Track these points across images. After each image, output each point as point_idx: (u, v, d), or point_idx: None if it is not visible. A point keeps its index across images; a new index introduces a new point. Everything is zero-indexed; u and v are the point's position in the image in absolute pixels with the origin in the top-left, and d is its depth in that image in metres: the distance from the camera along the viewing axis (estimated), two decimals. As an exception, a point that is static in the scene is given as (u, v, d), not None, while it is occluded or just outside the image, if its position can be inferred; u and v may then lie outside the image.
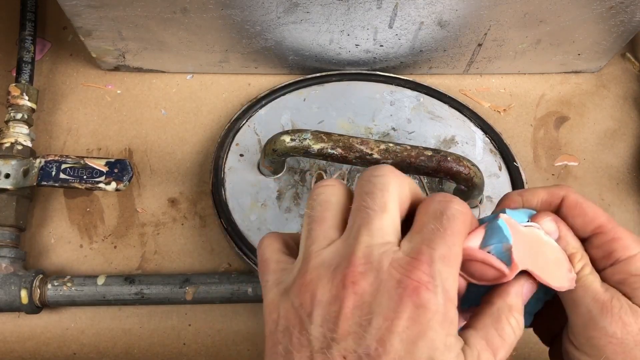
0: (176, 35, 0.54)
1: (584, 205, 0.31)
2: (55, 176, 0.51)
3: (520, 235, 0.28)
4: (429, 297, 0.24)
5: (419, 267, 0.25)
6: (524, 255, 0.28)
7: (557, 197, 0.32)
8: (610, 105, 0.61)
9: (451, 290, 0.25)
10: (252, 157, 0.53)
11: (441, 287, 0.25)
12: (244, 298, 0.51)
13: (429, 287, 0.24)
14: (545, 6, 0.50)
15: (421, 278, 0.24)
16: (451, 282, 0.25)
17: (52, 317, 0.53)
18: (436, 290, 0.24)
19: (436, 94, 0.57)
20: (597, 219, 0.31)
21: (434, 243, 0.25)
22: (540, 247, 0.29)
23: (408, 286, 0.24)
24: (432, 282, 0.24)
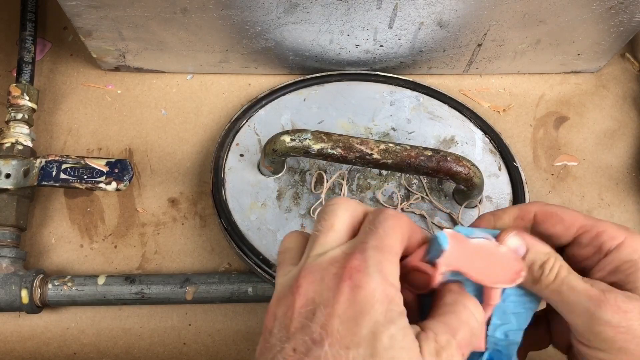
0: (176, 36, 0.54)
1: (559, 212, 0.32)
2: (55, 176, 0.51)
3: (463, 245, 0.30)
4: (362, 277, 0.26)
5: (353, 257, 0.27)
6: (458, 260, 0.29)
7: (529, 212, 0.33)
8: (610, 105, 0.61)
9: (390, 274, 0.27)
10: (252, 157, 0.53)
11: (375, 269, 0.26)
12: (244, 298, 0.51)
13: (360, 269, 0.26)
14: (545, 6, 0.50)
15: (353, 264, 0.26)
16: (387, 266, 0.27)
17: (53, 317, 0.53)
18: (368, 271, 0.26)
19: (436, 94, 0.57)
20: (576, 221, 0.32)
21: (367, 238, 0.28)
22: (485, 253, 0.30)
23: (343, 274, 0.26)
24: (365, 265, 0.26)
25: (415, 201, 0.52)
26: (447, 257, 0.29)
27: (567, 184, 0.58)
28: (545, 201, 0.56)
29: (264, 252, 0.49)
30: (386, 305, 0.26)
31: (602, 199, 0.57)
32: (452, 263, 0.29)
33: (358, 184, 0.53)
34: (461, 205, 0.51)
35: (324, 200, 0.51)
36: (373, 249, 0.27)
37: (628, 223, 0.56)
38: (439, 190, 0.53)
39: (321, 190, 0.51)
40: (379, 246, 0.27)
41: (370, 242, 0.27)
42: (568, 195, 0.57)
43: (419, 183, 0.53)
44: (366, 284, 0.26)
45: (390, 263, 0.27)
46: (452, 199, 0.52)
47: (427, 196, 0.52)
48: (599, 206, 0.57)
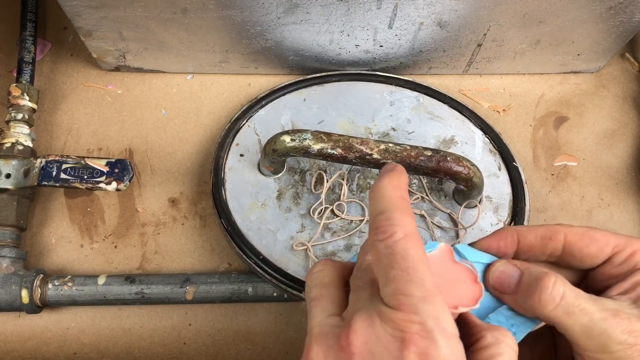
0: (176, 36, 0.54)
1: (590, 232, 0.31)
2: (55, 176, 0.51)
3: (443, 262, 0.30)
4: (429, 345, 0.25)
5: (408, 318, 0.25)
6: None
7: (558, 233, 0.32)
8: (610, 105, 0.61)
9: (449, 326, 0.25)
10: (252, 157, 0.54)
11: (437, 329, 0.25)
12: (244, 298, 0.51)
13: (423, 334, 0.25)
14: (545, 6, 0.50)
15: (414, 329, 0.25)
16: (444, 317, 0.25)
17: (53, 317, 0.53)
18: (433, 335, 0.25)
19: (436, 94, 0.57)
20: (609, 240, 0.31)
21: (407, 287, 0.26)
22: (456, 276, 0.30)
23: (405, 338, 0.25)
24: (425, 329, 0.25)
25: (415, 201, 0.52)
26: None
27: (567, 184, 0.58)
28: (545, 201, 0.56)
29: (264, 252, 0.49)
30: None
31: (602, 199, 0.57)
32: None
33: (358, 184, 0.53)
34: (461, 205, 0.51)
35: (324, 201, 0.51)
36: (423, 302, 0.25)
37: (628, 223, 0.56)
38: (439, 190, 0.53)
39: (321, 190, 0.51)
40: (426, 297, 0.25)
41: (414, 292, 0.25)
42: (568, 195, 0.57)
43: (419, 183, 0.53)
44: (434, 351, 0.24)
45: (445, 311, 0.26)
46: (452, 199, 0.52)
47: (427, 196, 0.52)
48: (599, 206, 0.57)
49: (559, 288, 0.28)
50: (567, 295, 0.28)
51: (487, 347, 0.27)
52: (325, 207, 0.51)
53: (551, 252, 0.32)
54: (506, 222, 0.51)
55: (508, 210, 0.52)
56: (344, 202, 0.51)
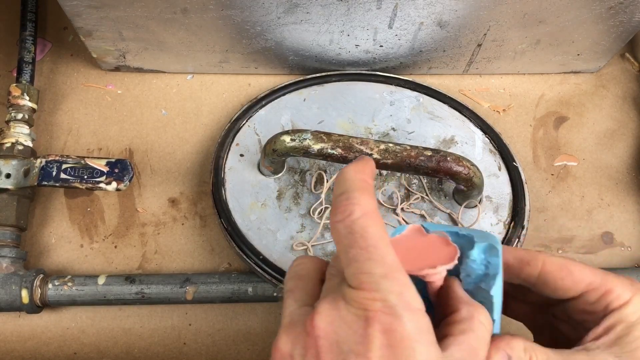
0: (176, 36, 0.54)
1: (568, 265, 0.31)
2: (55, 176, 0.51)
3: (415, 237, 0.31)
4: (392, 320, 0.24)
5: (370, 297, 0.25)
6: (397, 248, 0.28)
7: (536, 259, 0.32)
8: (610, 105, 0.61)
9: (413, 300, 0.25)
10: (252, 157, 0.54)
11: (401, 306, 0.25)
12: (244, 298, 0.51)
13: (386, 311, 0.25)
14: (545, 6, 0.50)
15: (376, 307, 0.25)
16: (407, 292, 0.25)
17: (53, 317, 0.53)
18: (396, 311, 0.25)
19: (436, 94, 0.57)
20: (585, 277, 0.31)
21: (368, 265, 0.25)
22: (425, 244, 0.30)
23: (368, 317, 0.25)
24: (388, 305, 0.25)
25: (415, 201, 0.52)
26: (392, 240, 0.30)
27: (567, 184, 0.58)
28: (545, 201, 0.56)
29: (264, 252, 0.49)
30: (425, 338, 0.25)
31: (602, 199, 0.57)
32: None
33: (358, 184, 0.53)
34: (461, 205, 0.51)
35: (324, 200, 0.51)
36: (384, 278, 0.25)
37: (628, 223, 0.56)
38: (439, 190, 0.53)
39: (321, 190, 0.51)
40: (387, 273, 0.25)
41: (374, 270, 0.25)
42: (568, 195, 0.57)
43: (419, 183, 0.53)
44: (398, 326, 0.24)
45: (408, 285, 0.25)
46: (452, 199, 0.52)
47: (427, 196, 0.52)
48: (599, 206, 0.57)
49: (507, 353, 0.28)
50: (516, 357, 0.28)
51: (460, 322, 0.27)
52: (325, 207, 0.51)
53: (526, 277, 0.32)
54: (506, 222, 0.51)
55: (508, 210, 0.52)
56: (344, 202, 0.51)
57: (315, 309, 0.26)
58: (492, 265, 0.30)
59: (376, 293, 0.25)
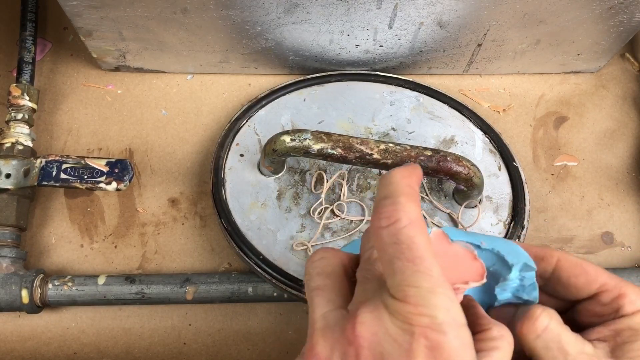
0: (176, 36, 0.54)
1: (584, 265, 0.31)
2: (55, 176, 0.51)
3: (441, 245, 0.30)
4: (438, 336, 0.24)
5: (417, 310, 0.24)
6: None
7: (551, 256, 0.32)
8: (610, 105, 0.61)
9: (458, 316, 0.25)
10: (252, 157, 0.54)
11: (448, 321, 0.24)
12: (244, 298, 0.51)
13: (433, 327, 0.24)
14: (545, 6, 0.50)
15: (423, 322, 0.24)
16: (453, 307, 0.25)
17: (53, 317, 0.53)
18: (443, 328, 0.24)
19: (436, 94, 0.57)
20: (599, 277, 0.31)
21: (414, 278, 0.25)
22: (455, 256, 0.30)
23: (414, 331, 0.24)
24: (436, 322, 0.24)
25: (415, 201, 0.52)
26: None
27: (567, 184, 0.58)
28: (545, 201, 0.56)
29: (264, 252, 0.49)
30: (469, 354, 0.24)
31: (602, 199, 0.57)
32: None
33: (358, 184, 0.53)
34: (461, 205, 0.51)
35: (324, 201, 0.51)
36: (431, 293, 0.24)
37: (628, 223, 0.56)
38: (439, 190, 0.53)
39: (321, 190, 0.51)
40: (434, 287, 0.24)
41: (421, 284, 0.24)
42: (568, 195, 0.57)
43: (419, 183, 0.53)
44: (445, 342, 0.24)
45: (454, 301, 0.25)
46: (452, 199, 0.52)
47: (427, 196, 0.52)
48: (599, 206, 0.57)
49: (544, 320, 0.28)
50: (551, 329, 0.28)
51: (492, 340, 0.27)
52: (325, 207, 0.51)
53: (540, 273, 0.32)
54: (506, 222, 0.51)
55: (508, 210, 0.52)
56: (344, 202, 0.51)
57: (356, 316, 0.25)
58: (527, 278, 0.30)
59: (423, 308, 0.24)
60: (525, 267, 0.30)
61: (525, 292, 0.31)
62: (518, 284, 0.31)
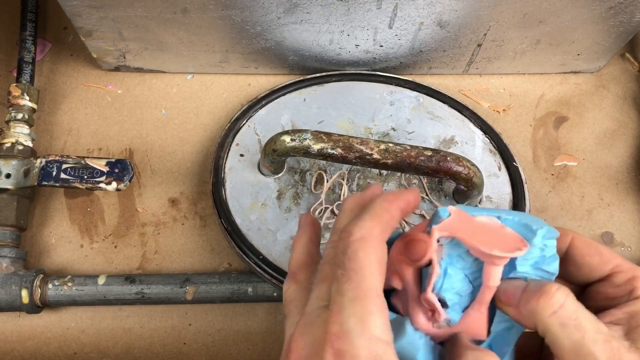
0: (176, 36, 0.54)
1: (598, 246, 0.31)
2: (56, 176, 0.51)
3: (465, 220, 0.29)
4: (343, 343, 0.25)
5: (331, 319, 0.26)
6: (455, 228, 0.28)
7: (566, 235, 0.32)
8: (610, 105, 0.61)
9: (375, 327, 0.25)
10: (252, 157, 0.54)
11: (357, 329, 0.25)
12: (244, 298, 0.51)
13: (340, 334, 0.25)
14: (545, 6, 0.50)
15: (333, 329, 0.25)
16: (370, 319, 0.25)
17: (53, 317, 0.53)
18: (349, 335, 0.25)
19: (436, 94, 0.57)
20: (613, 259, 0.31)
21: (341, 287, 0.26)
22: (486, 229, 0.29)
23: (326, 339, 0.25)
24: (344, 328, 0.25)
25: (415, 201, 0.52)
26: (444, 224, 0.28)
27: (567, 184, 0.58)
28: (545, 201, 0.56)
29: (264, 252, 0.49)
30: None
31: (602, 199, 0.57)
32: (448, 230, 0.28)
33: (358, 184, 0.53)
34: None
35: (324, 201, 0.51)
36: (351, 302, 0.26)
37: (628, 223, 0.56)
38: (439, 190, 0.53)
39: (321, 190, 0.51)
40: (356, 297, 0.26)
41: (346, 293, 0.26)
42: (568, 195, 0.57)
43: (419, 183, 0.53)
44: (348, 351, 0.25)
45: (373, 313, 0.26)
46: (452, 199, 0.52)
47: (427, 196, 0.52)
48: (599, 206, 0.57)
49: (560, 296, 0.28)
50: (567, 306, 0.28)
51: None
52: (325, 207, 0.51)
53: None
54: (506, 222, 0.51)
55: (508, 210, 0.52)
56: (344, 202, 0.51)
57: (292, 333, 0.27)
58: (548, 247, 0.30)
59: (338, 316, 0.25)
60: (548, 233, 0.30)
61: (546, 263, 0.30)
62: (539, 255, 0.30)
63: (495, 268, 0.29)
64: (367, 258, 0.27)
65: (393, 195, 0.29)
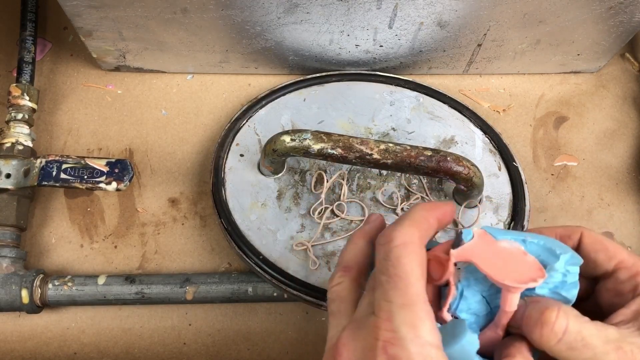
0: (176, 36, 0.54)
1: (604, 241, 0.32)
2: (56, 176, 0.51)
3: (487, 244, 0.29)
4: (397, 351, 0.25)
5: (382, 325, 0.26)
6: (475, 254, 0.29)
7: (575, 232, 0.32)
8: (610, 105, 0.61)
9: (425, 333, 0.26)
10: (252, 157, 0.54)
11: (409, 336, 0.25)
12: (244, 298, 0.51)
13: (394, 341, 0.25)
14: (545, 6, 0.50)
15: (386, 336, 0.26)
16: (421, 325, 0.26)
17: (53, 317, 0.53)
18: (403, 342, 0.25)
19: (436, 94, 0.57)
20: (618, 254, 0.31)
21: (389, 294, 0.27)
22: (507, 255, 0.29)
23: (377, 347, 0.26)
24: (397, 336, 0.26)
25: (415, 201, 0.52)
26: (464, 249, 0.29)
27: (567, 184, 0.58)
28: (545, 201, 0.56)
29: (264, 252, 0.49)
30: None
31: (602, 199, 0.57)
32: (466, 255, 0.29)
33: (358, 184, 0.53)
34: (461, 205, 0.51)
35: (324, 201, 0.51)
36: (400, 309, 0.26)
37: (628, 223, 0.56)
38: (439, 190, 0.53)
39: (321, 190, 0.51)
40: (405, 304, 0.26)
41: (394, 299, 0.26)
42: (568, 195, 0.57)
43: (419, 183, 0.53)
44: (403, 356, 0.25)
45: (423, 319, 0.26)
46: (452, 199, 0.52)
47: (427, 196, 0.52)
48: (599, 206, 0.57)
49: (562, 322, 0.28)
50: (571, 329, 0.28)
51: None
52: (325, 207, 0.51)
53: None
54: (506, 222, 0.51)
55: (508, 210, 0.52)
56: (344, 202, 0.51)
57: (340, 337, 0.28)
58: (571, 273, 0.30)
59: (389, 323, 0.26)
60: (572, 259, 0.30)
61: (565, 289, 0.30)
62: (560, 279, 0.30)
63: (512, 295, 0.29)
64: (411, 264, 0.27)
65: (431, 205, 0.30)
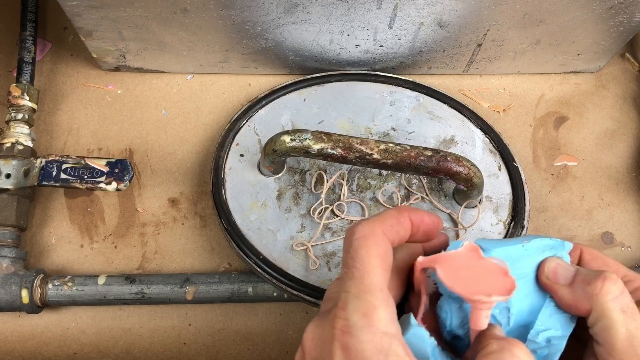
0: (176, 36, 0.54)
1: (605, 258, 0.32)
2: (56, 176, 0.51)
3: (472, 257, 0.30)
4: (348, 339, 0.26)
5: (337, 315, 0.26)
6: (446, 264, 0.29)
7: (576, 249, 0.33)
8: (610, 105, 0.61)
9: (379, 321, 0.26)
10: (252, 157, 0.54)
11: (361, 324, 0.26)
12: (244, 298, 0.51)
13: (345, 329, 0.26)
14: (545, 6, 0.50)
15: (339, 324, 0.26)
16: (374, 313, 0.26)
17: (53, 317, 0.53)
18: (353, 330, 0.26)
19: (436, 94, 0.57)
20: (619, 269, 0.31)
21: (346, 284, 0.27)
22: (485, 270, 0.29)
23: (334, 335, 0.26)
24: (348, 324, 0.26)
25: (415, 201, 0.52)
26: (433, 257, 0.29)
27: (567, 184, 0.58)
28: (545, 201, 0.56)
29: (264, 252, 0.49)
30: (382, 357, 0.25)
31: (602, 199, 0.57)
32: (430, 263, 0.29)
33: (358, 184, 0.53)
34: (461, 205, 0.51)
35: (324, 201, 0.51)
36: (354, 299, 0.26)
37: (628, 223, 0.56)
38: (439, 190, 0.53)
39: (321, 190, 0.51)
40: (359, 293, 0.26)
41: (350, 289, 0.27)
42: (568, 196, 0.57)
43: (419, 183, 0.53)
44: (353, 345, 0.25)
45: (378, 307, 0.26)
46: (452, 199, 0.52)
47: (427, 196, 0.52)
48: (599, 206, 0.57)
49: (621, 284, 0.28)
50: (627, 295, 0.28)
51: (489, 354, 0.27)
52: (325, 207, 0.51)
53: None
54: (506, 222, 0.51)
55: (508, 210, 0.52)
56: (344, 202, 0.51)
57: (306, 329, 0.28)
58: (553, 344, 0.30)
59: (343, 311, 0.26)
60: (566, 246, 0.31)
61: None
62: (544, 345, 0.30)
63: (479, 312, 0.29)
64: (368, 254, 0.28)
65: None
